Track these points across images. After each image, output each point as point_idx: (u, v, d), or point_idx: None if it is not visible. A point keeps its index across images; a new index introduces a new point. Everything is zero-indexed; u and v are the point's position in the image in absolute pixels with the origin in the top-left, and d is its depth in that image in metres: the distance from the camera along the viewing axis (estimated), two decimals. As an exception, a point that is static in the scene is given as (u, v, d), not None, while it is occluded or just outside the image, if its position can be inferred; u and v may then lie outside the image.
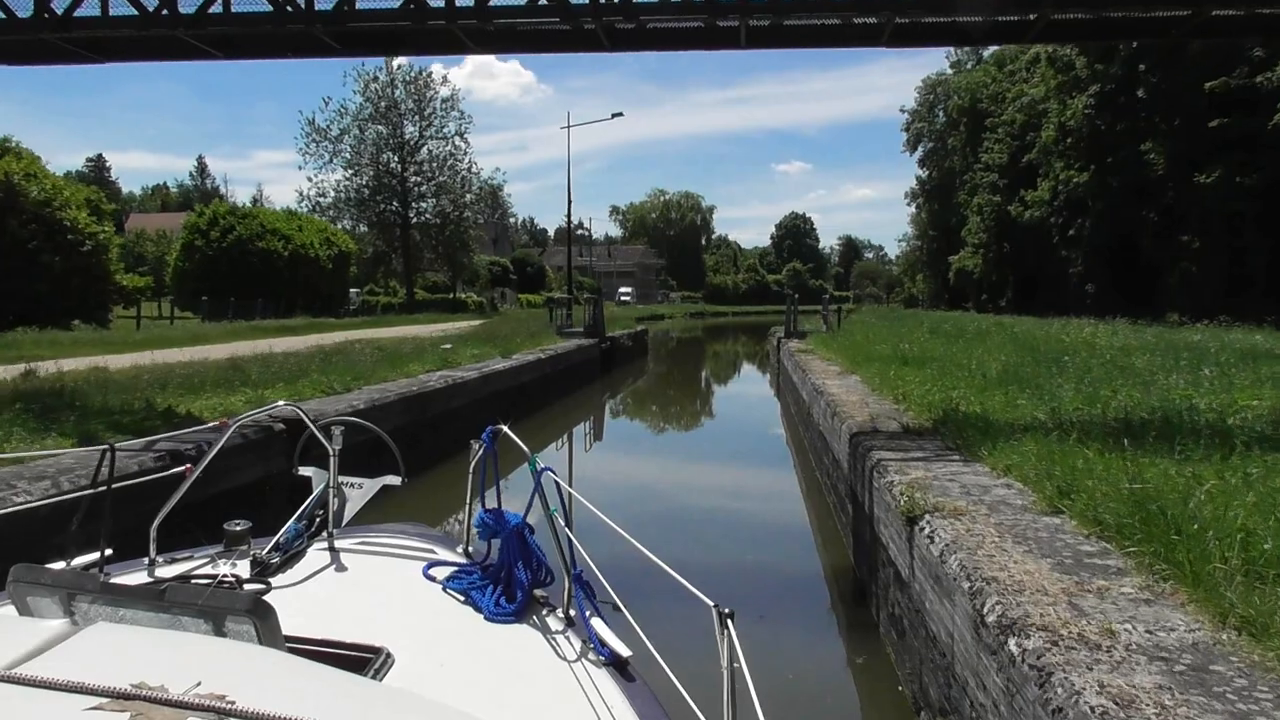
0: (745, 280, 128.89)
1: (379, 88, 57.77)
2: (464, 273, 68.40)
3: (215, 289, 36.80)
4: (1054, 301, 47.66)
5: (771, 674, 5.60)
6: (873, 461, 6.62)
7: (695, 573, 2.10)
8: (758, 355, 42.00)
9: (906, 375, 11.95)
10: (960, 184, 69.69)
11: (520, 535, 2.85)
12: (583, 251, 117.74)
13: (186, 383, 9.95)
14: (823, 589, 8.34)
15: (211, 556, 3.09)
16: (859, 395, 11.02)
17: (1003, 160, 50.79)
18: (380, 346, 18.78)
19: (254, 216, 39.40)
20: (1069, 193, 36.09)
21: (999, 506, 5.10)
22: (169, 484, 3.25)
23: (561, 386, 20.55)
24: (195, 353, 16.42)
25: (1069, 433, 6.89)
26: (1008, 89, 52.20)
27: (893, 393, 10.73)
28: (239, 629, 1.75)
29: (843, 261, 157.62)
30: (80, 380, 10.21)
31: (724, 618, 1.80)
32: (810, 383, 13.34)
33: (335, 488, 3.48)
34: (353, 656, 2.22)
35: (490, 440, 3.19)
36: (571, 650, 2.50)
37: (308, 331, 30.04)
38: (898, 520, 5.29)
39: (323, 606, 2.75)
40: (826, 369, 15.14)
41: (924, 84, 77.76)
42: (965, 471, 6.12)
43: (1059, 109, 35.12)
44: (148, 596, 1.82)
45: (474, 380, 14.40)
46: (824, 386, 12.03)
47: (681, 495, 13.27)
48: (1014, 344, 19.12)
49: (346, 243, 45.71)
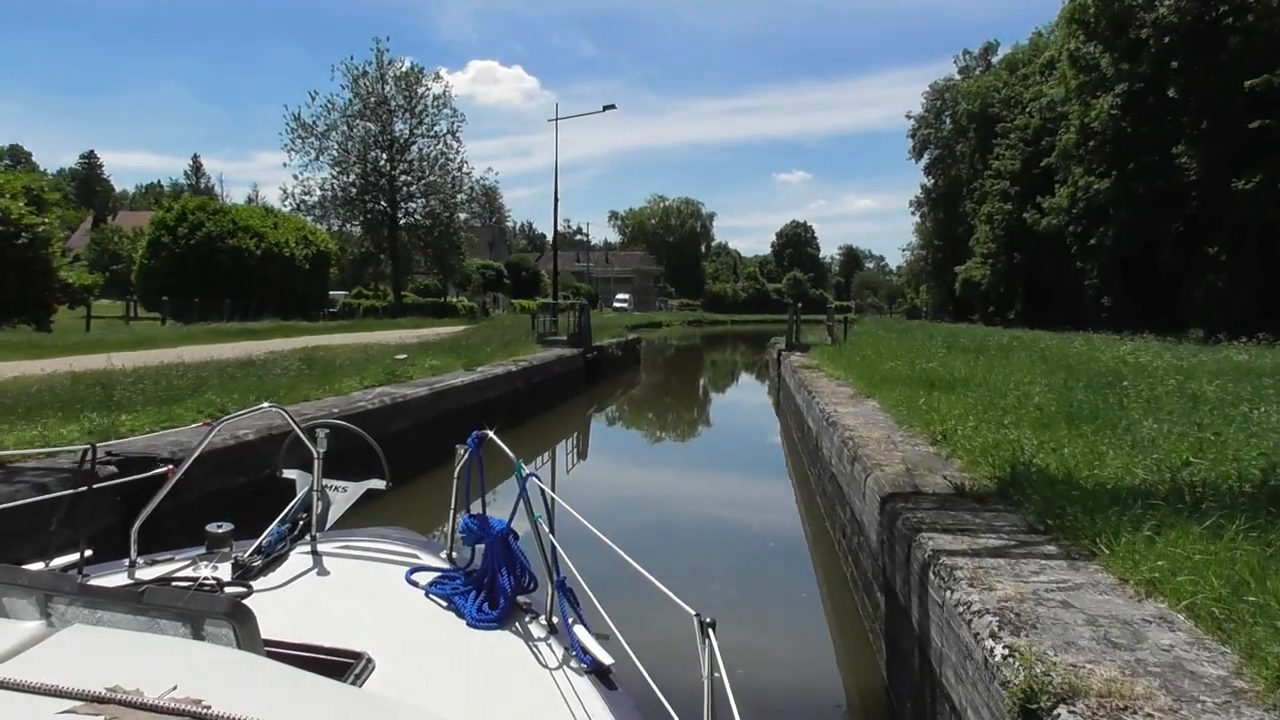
0: (745, 288, 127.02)
1: (368, 83, 55.67)
2: (454, 276, 66.27)
3: (182, 288, 34.63)
4: (1067, 314, 45.53)
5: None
6: (925, 552, 4.40)
7: (676, 582, 2.09)
8: (756, 365, 40.26)
9: (939, 403, 9.76)
10: (968, 192, 67.64)
11: (504, 541, 2.82)
12: (580, 257, 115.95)
13: (12, 409, 7.68)
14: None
15: (193, 559, 3.03)
16: (882, 430, 8.81)
17: (1015, 167, 48.67)
18: (334, 355, 16.64)
19: (225, 212, 37.14)
20: (1089, 200, 33.90)
21: (1178, 682, 2.87)
22: (153, 485, 3.09)
23: (538, 402, 18.32)
24: (132, 358, 14.23)
25: (1200, 503, 4.75)
26: (1021, 93, 50.10)
27: (926, 428, 8.52)
28: (218, 633, 1.76)
29: (843, 271, 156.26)
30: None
31: (705, 627, 1.80)
32: (819, 408, 11.15)
33: (319, 491, 3.42)
34: (333, 661, 2.21)
35: (476, 446, 3.16)
36: (554, 658, 2.49)
37: (272, 335, 28.04)
38: (998, 697, 3.06)
39: (304, 610, 2.71)
40: (837, 391, 12.94)
41: (931, 90, 75.72)
42: (1081, 582, 3.89)
43: (1080, 110, 32.94)
44: (126, 599, 1.83)
45: (421, 399, 12.15)
46: (837, 416, 9.83)
47: (671, 509, 12.61)
48: (1045, 362, 17.03)
49: (325, 242, 43.45)
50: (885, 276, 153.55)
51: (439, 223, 58.30)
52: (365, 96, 55.58)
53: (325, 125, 54.41)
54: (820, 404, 11.22)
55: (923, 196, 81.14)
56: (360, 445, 3.63)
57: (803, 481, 12.73)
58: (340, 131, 55.33)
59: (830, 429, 9.51)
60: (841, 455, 8.31)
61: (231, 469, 7.29)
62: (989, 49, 71.38)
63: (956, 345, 22.20)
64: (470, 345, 19.08)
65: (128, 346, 19.92)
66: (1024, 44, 57.18)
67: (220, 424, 3.52)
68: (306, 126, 54.02)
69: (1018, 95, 50.71)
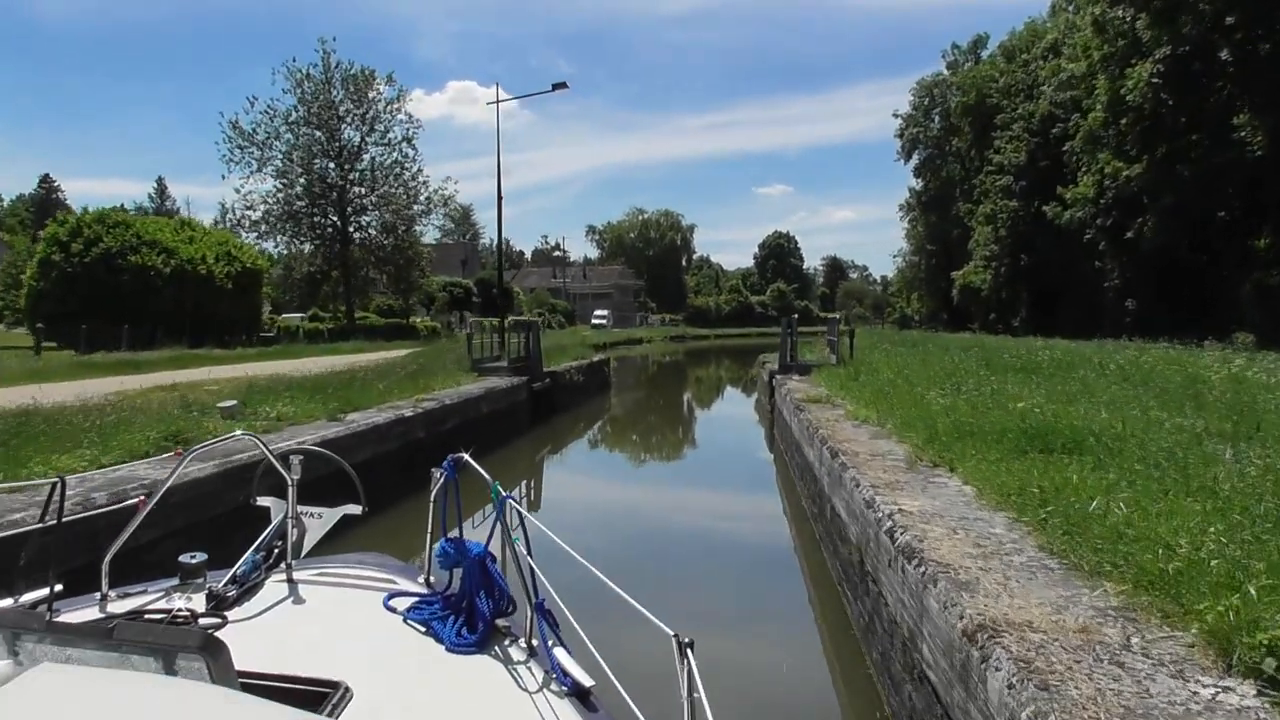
0: (728, 301, 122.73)
1: (313, 87, 50.75)
2: (416, 294, 61.30)
3: (81, 312, 29.68)
4: (1079, 320, 41.15)
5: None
6: None
7: (649, 594, 2.09)
8: (742, 380, 35.81)
9: (1069, 481, 5.06)
10: (962, 193, 63.49)
11: (482, 564, 2.80)
12: (556, 273, 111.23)
13: None
14: None
15: (166, 590, 2.93)
16: (1051, 602, 4.00)
17: (1020, 160, 44.37)
18: (148, 400, 11.83)
19: (127, 225, 32.03)
20: (1119, 188, 29.46)
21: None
22: (123, 518, 2.90)
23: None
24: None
25: None
26: (1023, 80, 45.85)
27: (1094, 558, 3.81)
28: (190, 667, 1.74)
29: (828, 282, 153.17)
30: None
31: (684, 647, 1.81)
32: (860, 495, 6.36)
33: (294, 518, 3.34)
34: (310, 691, 2.18)
35: (452, 469, 3.12)
36: (534, 680, 2.47)
37: (164, 368, 23.21)
38: None
39: (280, 640, 2.65)
40: (877, 451, 8.14)
41: (919, 86, 71.49)
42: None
43: (1107, 85, 28.48)
44: (96, 635, 1.81)
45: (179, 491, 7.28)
46: (913, 540, 4.98)
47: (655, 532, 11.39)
48: (1125, 383, 12.55)
49: (254, 259, 38.40)
50: (870, 286, 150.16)
51: (395, 236, 53.45)
52: (310, 101, 50.70)
53: (266, 133, 49.52)
54: (862, 487, 6.44)
55: (912, 200, 77.02)
56: (336, 471, 3.50)
57: (828, 596, 7.94)
58: (284, 140, 50.43)
59: (903, 560, 4.71)
60: (948, 653, 3.56)
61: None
62: (979, 42, 67.48)
63: (997, 363, 17.53)
64: (362, 381, 14.18)
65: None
66: (1020, 30, 53.00)
67: (191, 453, 3.33)
68: (246, 135, 49.12)
69: (1019, 83, 46.45)
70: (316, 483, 3.59)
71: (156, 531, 5.76)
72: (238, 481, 7.41)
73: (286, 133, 50.21)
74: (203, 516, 7.05)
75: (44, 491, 4.78)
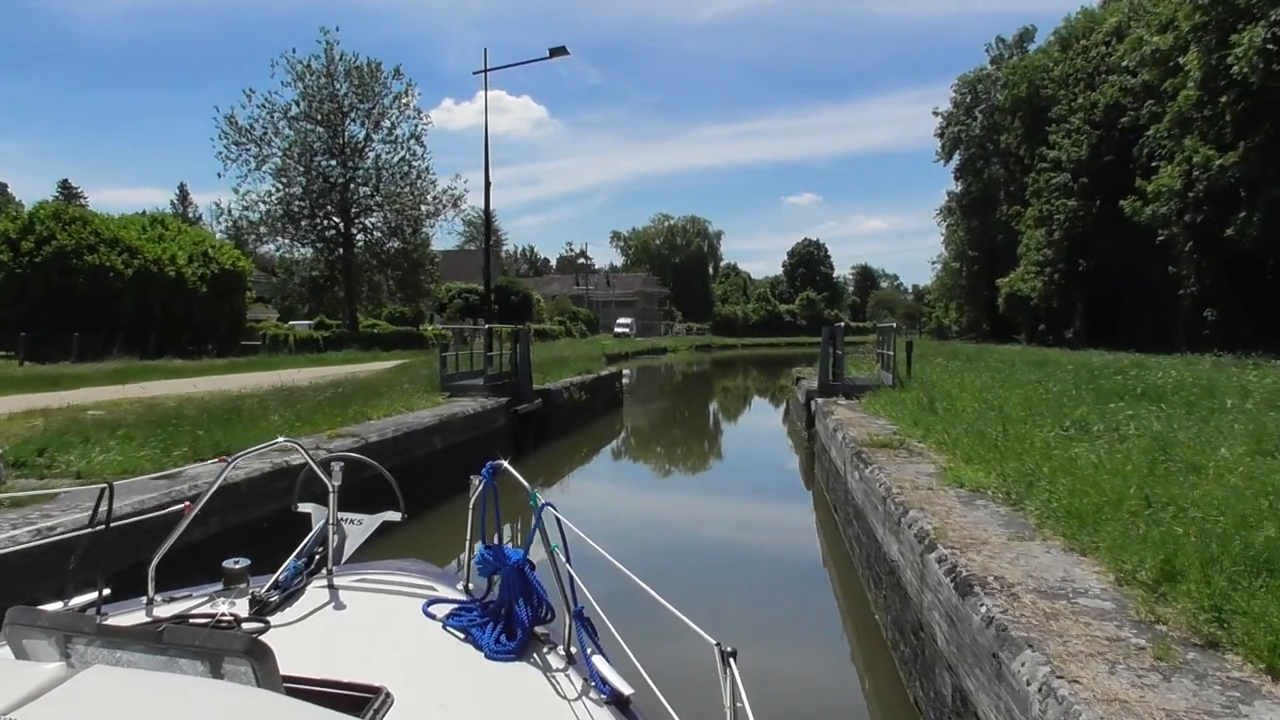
0: (756, 310, 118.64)
1: (315, 80, 47.54)
2: (424, 300, 57.88)
3: (30, 319, 26.51)
4: (1147, 331, 36.85)
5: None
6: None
7: (698, 608, 1.99)
8: (773, 393, 32.04)
9: None
10: (1007, 195, 59.18)
11: (521, 572, 2.77)
12: (579, 280, 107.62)
13: None
14: None
15: (210, 595, 2.98)
16: None
17: (1080, 154, 40.12)
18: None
19: (85, 221, 28.78)
20: (1210, 179, 25.31)
21: None
22: (170, 522, 3.00)
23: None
24: None
25: None
26: (1083, 67, 41.60)
27: None
28: (236, 670, 1.74)
29: (858, 290, 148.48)
30: None
31: (726, 656, 1.78)
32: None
33: (335, 524, 3.37)
34: (352, 696, 2.16)
35: (490, 476, 3.06)
36: (572, 688, 2.44)
37: (94, 383, 19.97)
38: None
39: (322, 645, 2.67)
40: (1040, 577, 4.29)
41: (960, 82, 67.07)
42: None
43: (1200, 59, 24.36)
44: (144, 638, 1.81)
45: None
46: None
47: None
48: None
49: (235, 260, 35.05)
50: (902, 295, 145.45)
51: (401, 238, 50.11)
52: (312, 96, 47.49)
53: (264, 128, 46.38)
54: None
55: (952, 204, 72.55)
56: (375, 477, 3.49)
57: None
58: (283, 136, 47.24)
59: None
60: None
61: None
62: (1025, 34, 63.12)
63: (1101, 388, 13.56)
64: (262, 408, 10.51)
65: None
66: (1075, 16, 48.66)
67: (235, 459, 3.41)
68: (242, 130, 45.97)
69: (1079, 70, 42.19)
70: (352, 487, 3.51)
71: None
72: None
73: (286, 128, 47.24)
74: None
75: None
